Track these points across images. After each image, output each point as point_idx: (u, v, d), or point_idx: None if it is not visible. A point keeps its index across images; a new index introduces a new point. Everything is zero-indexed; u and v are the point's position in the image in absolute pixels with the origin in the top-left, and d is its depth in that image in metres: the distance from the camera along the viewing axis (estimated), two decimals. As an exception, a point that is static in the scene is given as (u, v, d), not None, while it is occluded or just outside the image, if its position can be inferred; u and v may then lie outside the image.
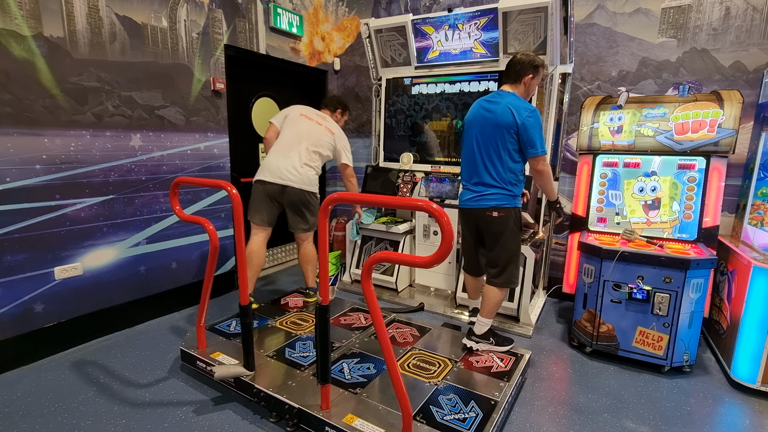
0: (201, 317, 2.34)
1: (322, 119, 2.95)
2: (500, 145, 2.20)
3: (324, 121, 2.95)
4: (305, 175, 2.79)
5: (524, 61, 2.23)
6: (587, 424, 2.02)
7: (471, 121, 2.33)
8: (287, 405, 1.91)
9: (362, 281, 1.55)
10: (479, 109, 2.30)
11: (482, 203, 2.29)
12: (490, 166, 2.24)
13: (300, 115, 2.92)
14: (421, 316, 3.18)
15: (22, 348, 2.42)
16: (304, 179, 2.79)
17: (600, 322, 2.55)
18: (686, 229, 2.67)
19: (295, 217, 2.88)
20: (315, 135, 2.85)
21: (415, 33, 3.43)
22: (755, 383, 2.24)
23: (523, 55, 2.25)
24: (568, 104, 3.17)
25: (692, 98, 2.61)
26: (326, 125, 2.93)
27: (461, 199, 2.43)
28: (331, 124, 2.97)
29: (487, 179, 2.26)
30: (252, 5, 3.60)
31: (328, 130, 2.92)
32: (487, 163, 2.24)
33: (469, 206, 2.36)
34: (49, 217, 2.46)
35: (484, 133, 2.25)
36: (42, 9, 2.34)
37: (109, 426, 1.94)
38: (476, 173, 2.30)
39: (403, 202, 1.68)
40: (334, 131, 2.95)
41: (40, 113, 2.38)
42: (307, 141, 2.82)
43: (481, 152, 2.26)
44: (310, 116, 2.93)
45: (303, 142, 2.82)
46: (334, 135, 2.93)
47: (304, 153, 2.80)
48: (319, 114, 3.00)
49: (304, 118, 2.90)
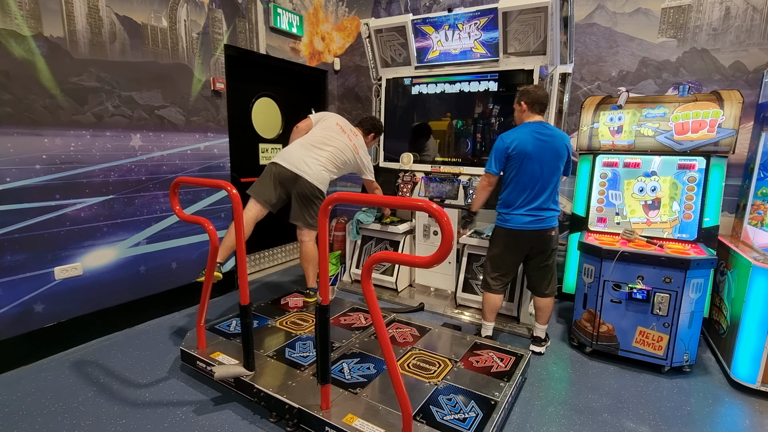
0: (201, 317, 2.34)
1: (353, 135, 3.06)
2: (557, 172, 2.45)
3: (354, 138, 3.05)
4: (320, 174, 2.84)
5: (548, 96, 2.60)
6: (587, 424, 2.02)
7: (530, 150, 2.39)
8: (287, 405, 1.91)
9: (362, 281, 1.55)
10: (534, 139, 2.40)
11: (545, 224, 2.47)
12: (551, 191, 2.46)
13: (336, 124, 3.02)
14: (421, 316, 3.18)
15: (22, 348, 2.42)
16: (319, 177, 2.83)
17: (600, 322, 2.55)
18: (686, 229, 2.67)
19: (301, 209, 2.88)
20: (341, 147, 2.93)
21: (415, 33, 3.43)
22: (755, 383, 2.24)
23: (543, 89, 2.51)
24: (568, 104, 3.16)
25: (692, 98, 2.61)
26: (355, 142, 3.03)
27: (518, 223, 2.45)
28: (359, 142, 3.08)
29: (549, 203, 2.47)
30: (252, 5, 3.60)
31: (355, 148, 3.01)
32: (548, 188, 2.45)
33: (531, 228, 2.45)
34: (49, 217, 2.46)
35: (543, 160, 2.41)
36: (42, 9, 2.34)
37: (109, 426, 1.94)
38: (537, 198, 2.44)
39: (403, 202, 1.68)
40: (359, 151, 3.06)
41: (40, 113, 2.38)
42: (333, 149, 2.90)
43: (543, 179, 2.42)
44: (345, 129, 3.03)
45: (329, 147, 2.89)
46: (358, 154, 3.04)
47: (324, 156, 2.87)
48: (353, 130, 3.11)
49: (339, 128, 2.99)
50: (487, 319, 2.70)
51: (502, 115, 3.29)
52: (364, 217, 3.66)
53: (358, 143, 3.05)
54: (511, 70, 3.19)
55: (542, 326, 2.69)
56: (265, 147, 4.09)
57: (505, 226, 2.50)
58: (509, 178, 2.47)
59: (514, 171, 2.43)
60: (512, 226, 2.47)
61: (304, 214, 2.89)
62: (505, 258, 2.57)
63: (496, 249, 2.58)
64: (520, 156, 2.39)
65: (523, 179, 2.42)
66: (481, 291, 2.72)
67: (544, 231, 2.47)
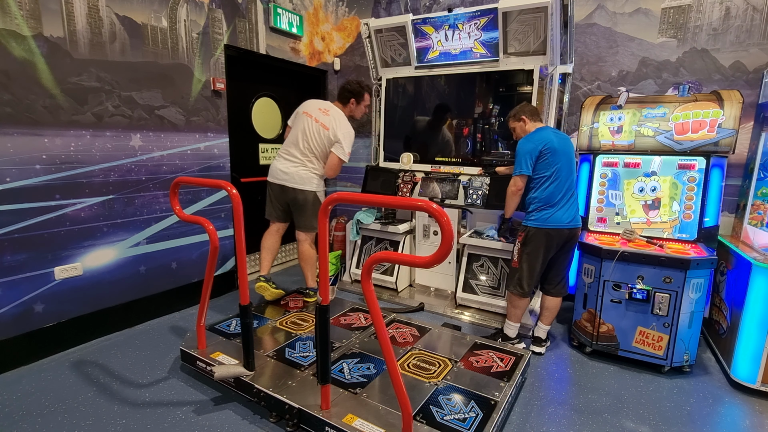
0: (201, 317, 2.34)
1: (322, 114, 2.87)
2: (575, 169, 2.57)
3: (322, 116, 2.86)
4: (298, 175, 2.83)
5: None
6: (587, 424, 2.02)
7: (557, 149, 2.45)
8: (287, 405, 1.91)
9: (362, 281, 1.55)
10: (555, 138, 2.49)
11: (578, 222, 2.56)
12: (575, 189, 2.57)
13: (303, 113, 2.92)
14: (421, 316, 3.18)
15: (22, 348, 2.42)
16: (297, 178, 2.83)
17: (600, 322, 2.55)
18: (686, 229, 2.67)
19: (295, 214, 2.96)
20: (308, 133, 2.84)
21: (415, 33, 3.43)
22: (755, 383, 2.24)
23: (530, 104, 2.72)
24: (568, 104, 3.16)
25: (692, 98, 2.61)
26: (323, 121, 2.84)
27: (562, 222, 2.45)
28: (330, 119, 2.85)
29: (577, 202, 2.57)
30: (252, 5, 3.60)
31: (323, 127, 2.83)
32: (574, 187, 2.54)
33: (571, 227, 2.49)
34: (49, 217, 2.46)
35: (570, 156, 2.52)
36: (42, 9, 2.34)
37: (109, 426, 1.94)
38: (573, 195, 2.53)
39: (403, 202, 1.68)
40: (329, 126, 2.83)
41: (40, 113, 2.38)
42: (303, 140, 2.85)
43: (570, 177, 2.51)
44: (311, 112, 2.89)
45: (300, 141, 2.85)
46: (328, 131, 2.83)
47: (297, 154, 2.85)
48: (322, 108, 2.92)
49: (305, 115, 2.89)
50: (518, 320, 2.69)
51: (502, 115, 3.29)
52: (364, 217, 3.66)
53: (325, 121, 2.84)
54: (511, 70, 3.19)
55: (546, 326, 2.69)
56: (265, 147, 4.09)
57: (545, 226, 2.46)
58: (545, 177, 2.46)
59: (550, 169, 2.44)
60: (553, 225, 2.45)
61: (298, 218, 2.94)
62: (543, 259, 2.53)
63: (534, 251, 2.50)
64: (552, 152, 2.43)
65: (561, 176, 2.45)
66: (516, 295, 2.59)
67: (577, 229, 2.53)
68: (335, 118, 2.87)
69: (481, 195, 3.20)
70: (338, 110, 2.94)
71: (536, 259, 2.51)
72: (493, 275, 3.15)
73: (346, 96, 3.00)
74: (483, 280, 3.19)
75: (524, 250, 2.53)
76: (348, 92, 3.00)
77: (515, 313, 2.66)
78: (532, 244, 2.50)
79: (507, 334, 2.70)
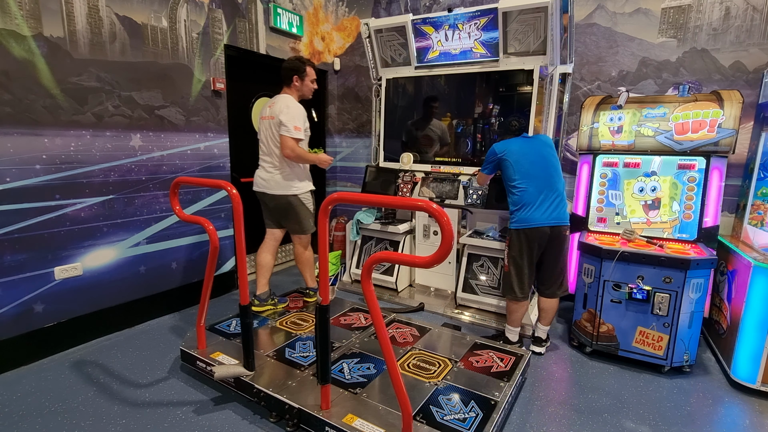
0: (201, 317, 2.34)
1: (269, 109, 2.74)
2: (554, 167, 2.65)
3: (269, 111, 2.72)
4: (274, 181, 2.77)
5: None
6: (587, 424, 2.02)
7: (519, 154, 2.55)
8: (287, 405, 1.91)
9: (362, 281, 1.55)
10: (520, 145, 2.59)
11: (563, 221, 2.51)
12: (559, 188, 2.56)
13: (261, 118, 2.81)
14: (421, 316, 3.18)
15: (22, 348, 2.42)
16: (273, 184, 2.77)
17: (600, 322, 2.55)
18: (686, 229, 2.67)
19: (282, 219, 2.92)
20: (268, 135, 2.74)
21: (415, 33, 3.43)
22: (755, 383, 2.24)
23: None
24: (568, 104, 3.17)
25: (692, 98, 2.61)
26: (271, 113, 2.70)
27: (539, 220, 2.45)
28: (275, 108, 2.67)
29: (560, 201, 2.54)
30: (252, 5, 3.60)
31: (271, 119, 2.69)
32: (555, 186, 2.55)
33: (552, 224, 2.46)
34: (49, 217, 2.46)
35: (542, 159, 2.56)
36: (42, 9, 2.34)
37: (109, 426, 1.94)
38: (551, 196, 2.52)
39: (403, 202, 1.68)
40: (275, 114, 2.66)
41: (40, 113, 2.38)
42: (266, 145, 2.77)
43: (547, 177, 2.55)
44: (263, 114, 2.79)
45: (265, 147, 2.78)
46: (274, 119, 2.67)
47: (269, 159, 2.78)
48: (270, 101, 2.78)
49: (261, 120, 2.80)
50: (518, 324, 2.68)
51: (502, 115, 3.29)
52: (364, 217, 3.66)
53: (274, 111, 2.66)
54: (511, 70, 3.19)
55: (545, 327, 2.68)
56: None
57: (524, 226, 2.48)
58: (515, 180, 2.51)
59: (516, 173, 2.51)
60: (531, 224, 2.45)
61: (286, 223, 2.92)
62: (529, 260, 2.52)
63: (519, 253, 2.52)
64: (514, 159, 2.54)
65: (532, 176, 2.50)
66: (511, 300, 2.59)
67: (561, 227, 2.49)
68: (278, 103, 2.68)
69: (481, 195, 3.21)
70: (283, 96, 2.74)
71: (522, 260, 2.51)
72: (493, 275, 3.15)
73: (288, 75, 2.75)
74: (483, 280, 3.19)
75: (510, 253, 2.56)
76: (289, 70, 2.75)
77: (513, 318, 2.65)
78: (516, 246, 2.52)
79: (509, 338, 2.68)
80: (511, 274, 2.56)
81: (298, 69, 2.74)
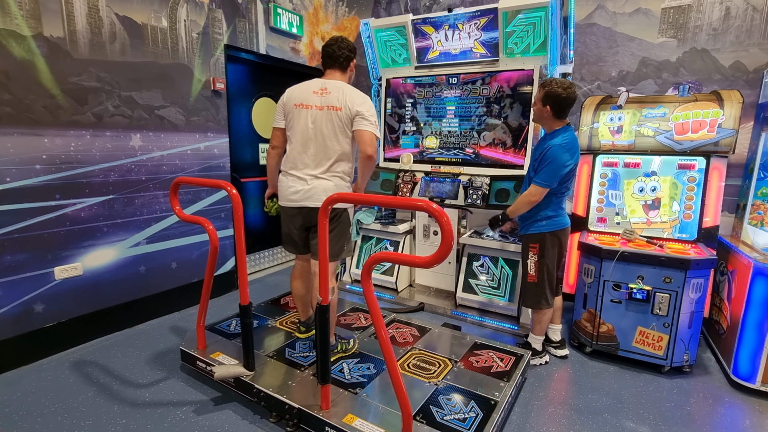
0: (201, 317, 2.34)
1: (321, 97, 2.13)
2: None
3: (325, 99, 2.12)
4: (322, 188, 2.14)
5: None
6: (587, 424, 2.02)
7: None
8: (287, 405, 1.91)
9: (362, 281, 1.55)
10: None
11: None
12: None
13: (295, 106, 2.16)
14: (421, 316, 3.18)
15: (22, 348, 2.42)
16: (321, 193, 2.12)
17: (600, 322, 2.55)
18: (686, 229, 2.67)
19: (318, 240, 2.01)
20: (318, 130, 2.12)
21: (415, 33, 3.42)
22: (755, 383, 2.24)
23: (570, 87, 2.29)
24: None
25: (692, 98, 2.61)
26: (329, 104, 2.11)
27: (568, 222, 2.43)
28: (335, 96, 2.11)
29: None
30: (252, 5, 3.60)
31: (332, 110, 2.10)
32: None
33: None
34: (49, 217, 2.46)
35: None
36: (42, 9, 2.34)
37: (109, 426, 1.94)
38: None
39: (403, 202, 1.68)
40: (340, 104, 2.09)
41: (40, 113, 2.38)
42: (313, 144, 2.13)
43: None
44: (307, 102, 2.14)
45: (310, 147, 2.14)
46: (341, 110, 2.09)
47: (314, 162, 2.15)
48: (318, 90, 2.15)
49: (301, 109, 2.15)
50: (544, 332, 2.54)
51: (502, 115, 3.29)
52: (364, 217, 3.65)
53: (331, 101, 2.11)
54: (511, 70, 3.19)
55: (558, 326, 2.66)
56: (266, 147, 4.09)
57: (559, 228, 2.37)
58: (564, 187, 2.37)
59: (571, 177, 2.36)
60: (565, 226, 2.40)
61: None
62: (559, 262, 2.44)
63: (551, 258, 2.37)
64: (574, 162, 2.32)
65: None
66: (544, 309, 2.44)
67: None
68: (341, 91, 2.13)
69: (481, 195, 3.20)
70: (342, 84, 2.18)
71: (552, 265, 2.39)
72: (493, 275, 3.15)
73: (348, 58, 2.24)
74: (483, 280, 3.19)
75: (543, 261, 2.36)
76: (348, 51, 2.23)
77: (543, 326, 2.51)
78: (549, 252, 2.35)
79: (536, 348, 2.55)
80: (543, 283, 2.38)
81: (354, 51, 2.27)
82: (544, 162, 2.22)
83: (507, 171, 3.22)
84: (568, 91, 2.19)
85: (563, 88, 2.20)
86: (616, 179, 2.87)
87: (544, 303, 2.42)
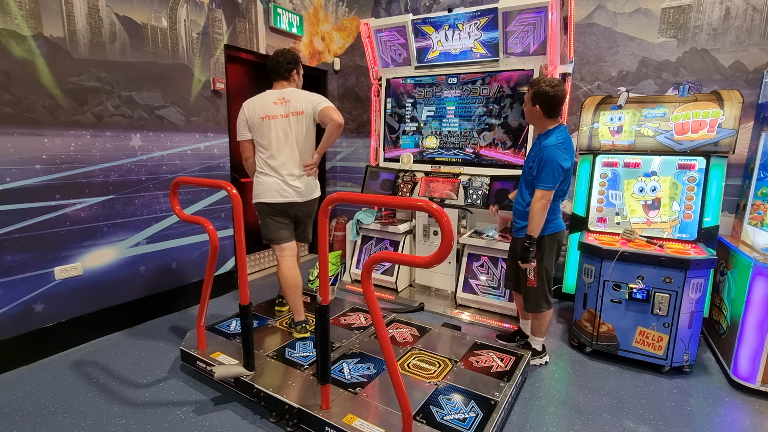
0: (201, 317, 2.34)
1: (282, 105, 2.38)
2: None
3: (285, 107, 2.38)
4: (308, 186, 2.52)
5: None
6: (587, 424, 2.02)
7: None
8: (287, 405, 1.91)
9: (362, 281, 1.55)
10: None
11: None
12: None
13: (261, 119, 2.37)
14: (421, 316, 3.18)
15: (22, 348, 2.42)
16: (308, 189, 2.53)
17: (600, 322, 2.55)
18: (686, 229, 2.67)
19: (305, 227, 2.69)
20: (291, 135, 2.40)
21: (415, 33, 3.43)
22: (755, 383, 2.24)
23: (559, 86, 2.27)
24: (568, 104, 3.16)
25: (692, 98, 2.61)
26: (292, 110, 2.38)
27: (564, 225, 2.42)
28: (293, 103, 2.38)
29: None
30: (252, 5, 3.60)
31: (296, 114, 2.38)
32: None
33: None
34: (49, 217, 2.46)
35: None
36: (42, 9, 2.34)
37: (109, 426, 1.94)
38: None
39: (403, 202, 1.68)
40: (301, 108, 2.37)
41: (40, 113, 2.38)
42: (290, 147, 2.40)
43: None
44: (271, 113, 2.37)
45: (285, 149, 2.40)
46: (302, 114, 2.38)
47: (295, 163, 2.43)
48: (277, 101, 2.39)
49: (268, 120, 2.38)
50: (545, 333, 2.54)
51: (502, 116, 3.29)
52: (364, 217, 3.66)
53: (292, 107, 2.37)
54: (511, 69, 3.19)
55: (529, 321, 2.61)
56: (265, 147, 4.09)
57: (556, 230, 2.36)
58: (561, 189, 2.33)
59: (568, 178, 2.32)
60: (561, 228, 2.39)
61: (306, 230, 2.71)
62: (555, 264, 2.44)
63: (549, 260, 2.37)
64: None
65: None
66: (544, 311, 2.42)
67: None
68: (297, 96, 2.41)
69: (481, 195, 3.21)
70: (291, 89, 2.46)
71: (551, 267, 2.38)
72: (493, 275, 3.15)
73: (288, 69, 2.45)
74: (483, 280, 3.19)
75: (542, 264, 2.34)
76: (287, 64, 2.44)
77: (545, 328, 2.51)
78: (549, 254, 2.35)
79: (536, 349, 2.54)
80: (543, 285, 2.38)
81: (297, 61, 2.49)
82: (543, 164, 2.18)
83: (507, 171, 3.22)
84: (556, 89, 2.18)
85: (551, 86, 2.18)
86: (616, 179, 2.87)
87: (544, 305, 2.41)
